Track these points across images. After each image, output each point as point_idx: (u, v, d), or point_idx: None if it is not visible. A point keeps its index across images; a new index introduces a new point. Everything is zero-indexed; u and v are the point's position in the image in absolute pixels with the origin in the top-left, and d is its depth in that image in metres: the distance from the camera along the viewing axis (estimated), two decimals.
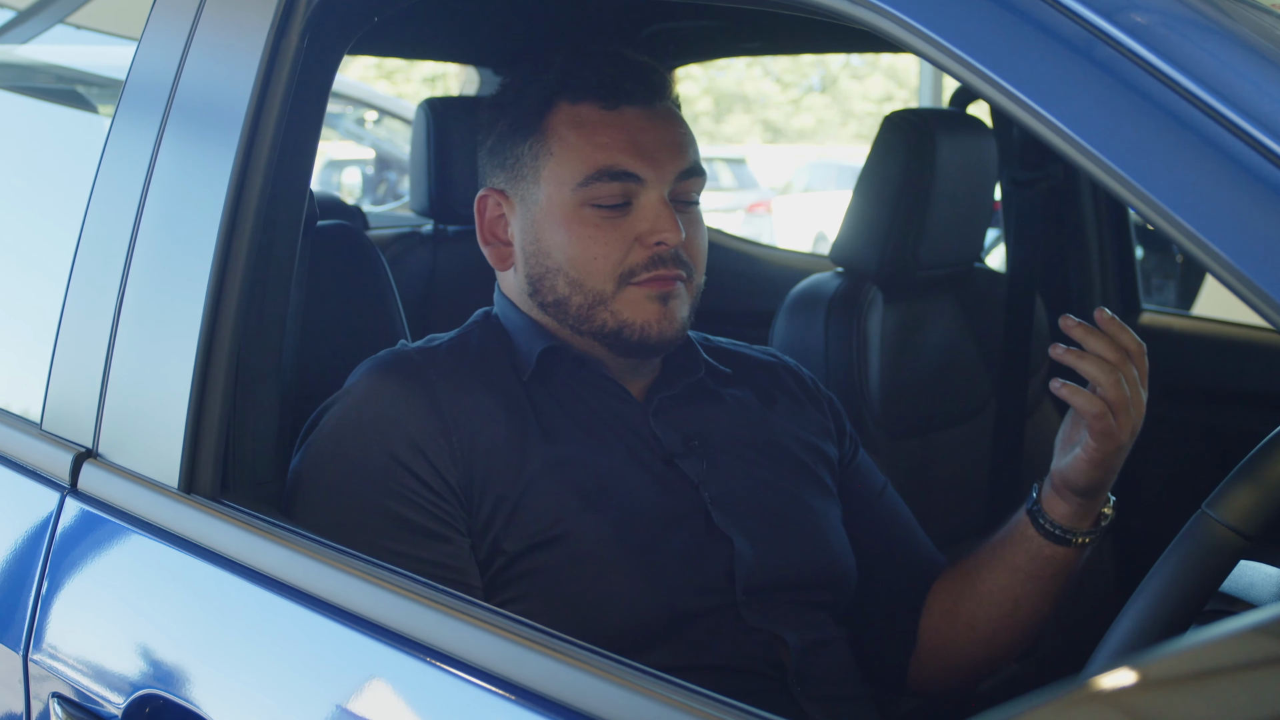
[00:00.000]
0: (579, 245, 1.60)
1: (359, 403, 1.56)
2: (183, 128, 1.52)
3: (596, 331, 1.62)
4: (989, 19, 1.12)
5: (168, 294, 1.49)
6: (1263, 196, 0.99)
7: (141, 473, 1.47)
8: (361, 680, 1.30)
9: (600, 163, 1.60)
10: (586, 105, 1.62)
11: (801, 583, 1.65)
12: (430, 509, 1.51)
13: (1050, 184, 2.77)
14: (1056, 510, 1.59)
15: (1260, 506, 1.21)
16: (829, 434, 1.81)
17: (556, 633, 1.22)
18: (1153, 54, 1.05)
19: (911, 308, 2.55)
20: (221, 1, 1.53)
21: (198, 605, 1.41)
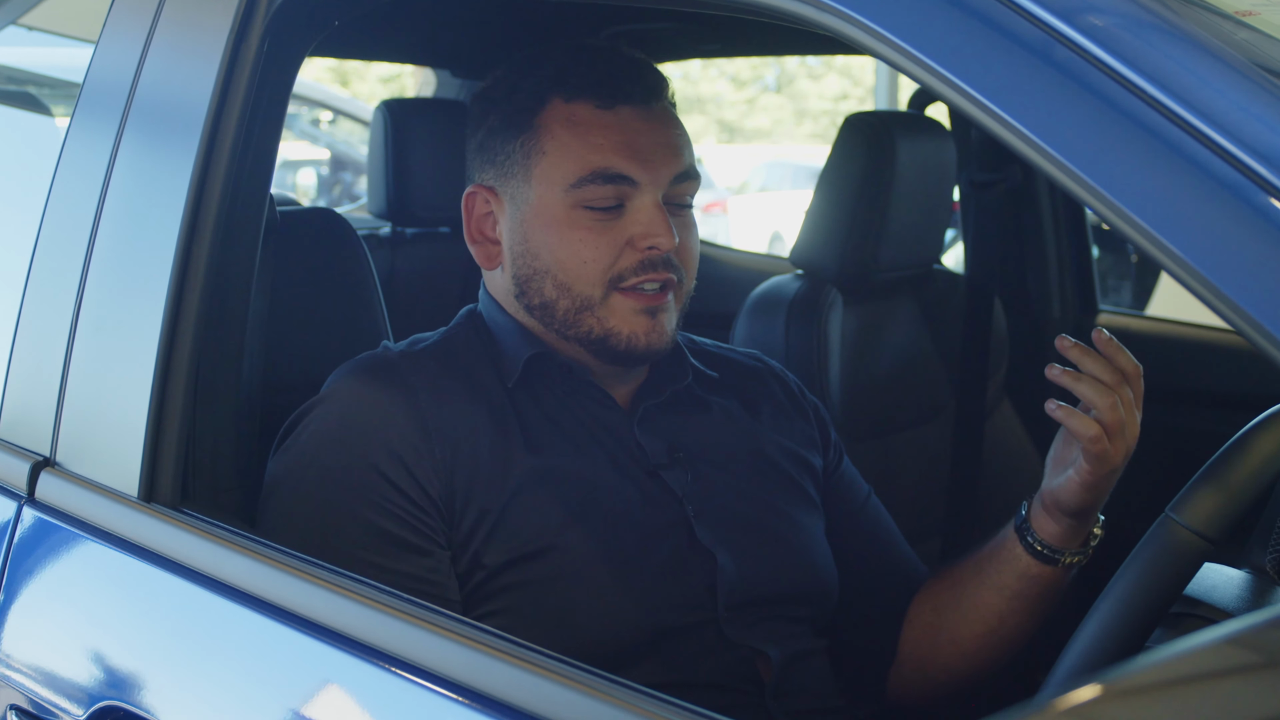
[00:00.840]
0: (569, 248, 1.56)
1: (340, 409, 1.53)
2: (141, 131, 1.50)
3: (583, 337, 1.58)
4: (947, 21, 1.12)
5: (127, 300, 1.47)
6: (1218, 195, 0.99)
7: (101, 481, 1.45)
8: (325, 690, 1.29)
9: (594, 164, 1.55)
10: (581, 103, 1.57)
11: (783, 597, 1.63)
12: (410, 521, 1.48)
13: (1008, 186, 2.78)
14: (1046, 530, 1.56)
15: (1223, 510, 1.21)
16: (814, 443, 1.79)
17: (528, 643, 1.22)
18: (1110, 55, 1.05)
19: (871, 310, 2.56)
20: (181, 4, 1.51)
21: (159, 615, 1.40)
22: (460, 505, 1.50)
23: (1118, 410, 1.46)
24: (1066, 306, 2.93)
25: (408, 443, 1.49)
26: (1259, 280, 0.96)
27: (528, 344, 1.61)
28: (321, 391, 1.57)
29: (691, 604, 1.55)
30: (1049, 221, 2.89)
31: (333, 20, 1.54)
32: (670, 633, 1.53)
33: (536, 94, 1.59)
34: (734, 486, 1.65)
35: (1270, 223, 0.96)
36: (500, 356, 1.62)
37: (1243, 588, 1.38)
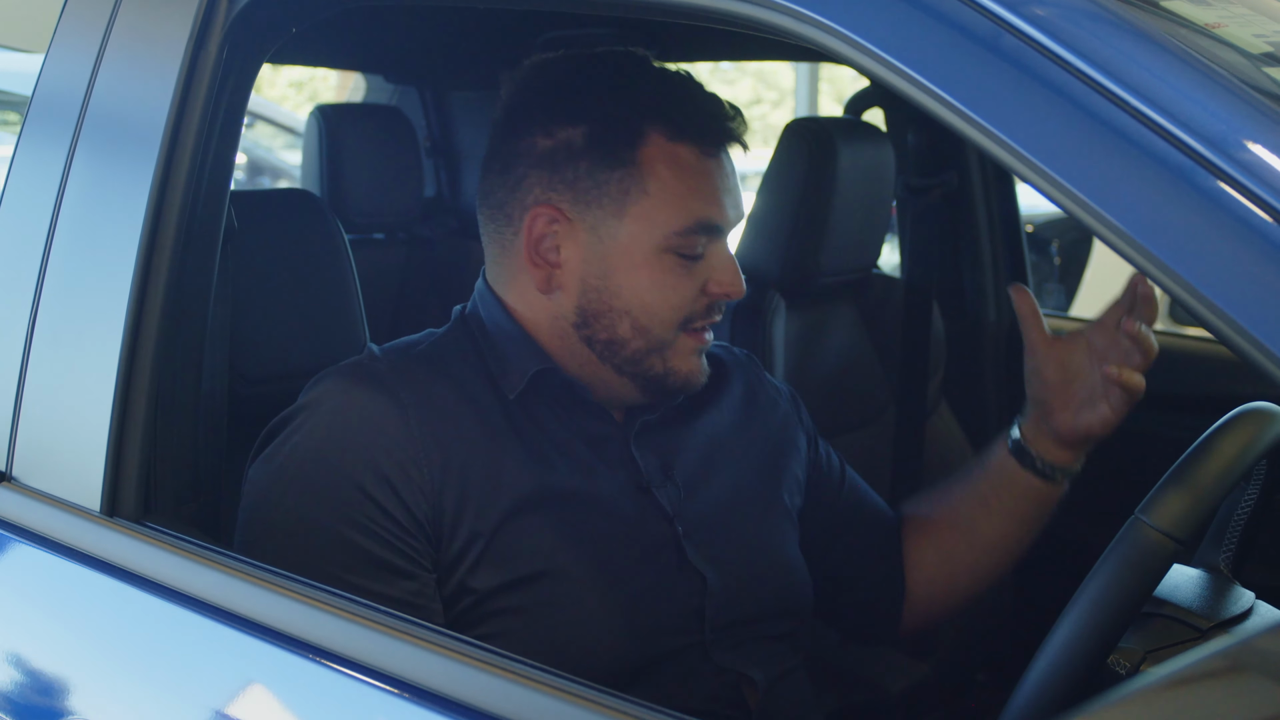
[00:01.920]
0: (656, 293, 1.51)
1: (324, 423, 1.46)
2: (97, 141, 1.47)
3: (642, 374, 1.55)
4: (897, 14, 1.13)
5: (85, 312, 1.44)
6: (1164, 180, 1.02)
7: (61, 496, 1.42)
8: (298, 703, 1.28)
9: (699, 215, 1.51)
10: (685, 146, 1.51)
11: (766, 614, 1.62)
12: (395, 544, 1.43)
13: (945, 190, 2.81)
14: (1056, 455, 1.66)
15: (1192, 512, 1.23)
16: (795, 428, 1.79)
17: (511, 655, 1.22)
18: (1057, 44, 1.08)
19: (813, 314, 2.57)
20: (135, 12, 1.49)
21: (124, 631, 1.38)
22: (449, 527, 1.45)
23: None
24: (1002, 309, 2.96)
25: (395, 462, 1.44)
26: (1203, 255, 1.01)
27: (535, 358, 1.55)
28: (303, 398, 1.51)
29: (678, 628, 1.54)
30: (984, 225, 2.93)
31: (290, 27, 1.53)
32: (657, 660, 1.51)
33: (635, 124, 1.51)
34: (720, 502, 1.64)
35: (1216, 204, 1.01)
36: (503, 365, 1.56)
37: (1202, 586, 1.41)
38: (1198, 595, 1.37)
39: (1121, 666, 1.25)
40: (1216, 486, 1.25)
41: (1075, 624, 1.21)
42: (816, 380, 2.54)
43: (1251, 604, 1.38)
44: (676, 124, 1.52)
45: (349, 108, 3.32)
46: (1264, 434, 1.31)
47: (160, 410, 1.43)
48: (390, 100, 3.48)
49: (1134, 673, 1.25)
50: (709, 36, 2.69)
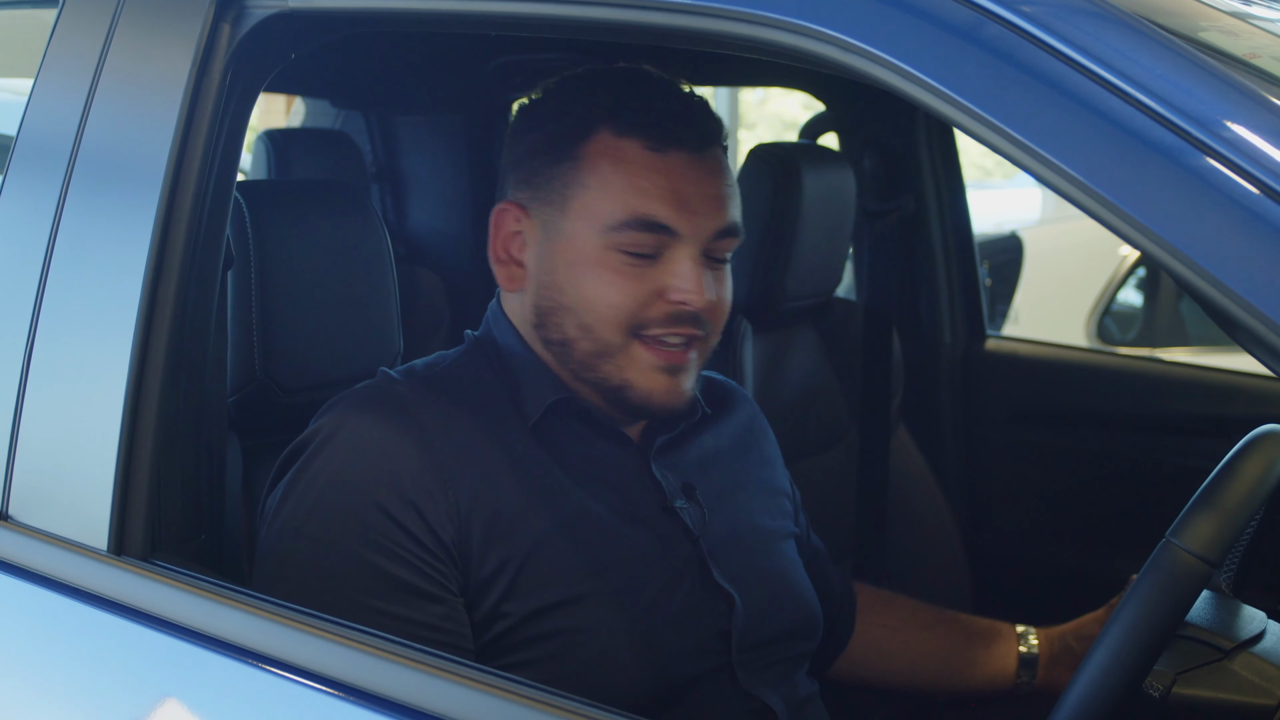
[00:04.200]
0: (596, 290, 1.48)
1: (345, 449, 1.43)
2: (93, 175, 1.43)
3: (598, 383, 1.51)
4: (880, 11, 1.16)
5: (86, 348, 1.40)
6: (1151, 157, 1.06)
7: (63, 535, 1.38)
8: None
9: (636, 210, 1.47)
10: (631, 141, 1.48)
11: (785, 634, 1.62)
12: (422, 567, 1.40)
13: (901, 215, 2.83)
14: (1052, 676, 1.85)
15: (1222, 533, 1.24)
16: (786, 489, 1.80)
17: (535, 684, 1.21)
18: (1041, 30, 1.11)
19: (777, 339, 2.58)
20: (131, 37, 1.45)
21: (139, 672, 1.34)
22: (477, 552, 1.42)
23: None
24: (956, 333, 2.99)
25: (420, 486, 1.41)
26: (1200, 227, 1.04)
27: (551, 387, 1.53)
28: (316, 423, 1.47)
29: (706, 650, 1.52)
30: (939, 249, 2.95)
31: (290, 53, 1.50)
32: (684, 684, 1.50)
33: (585, 121, 1.50)
34: (739, 521, 1.63)
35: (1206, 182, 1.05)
36: (519, 394, 1.53)
37: (1214, 607, 1.42)
38: (1213, 617, 1.38)
39: (1155, 689, 1.26)
40: (1244, 508, 1.27)
41: (1113, 648, 1.21)
42: (782, 404, 2.54)
43: (1265, 624, 1.39)
44: (624, 120, 1.49)
45: (296, 133, 3.28)
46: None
47: (165, 444, 1.40)
48: (334, 124, 3.44)
49: (1166, 695, 1.26)
50: (689, 62, 2.69)
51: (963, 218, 3.00)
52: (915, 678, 1.93)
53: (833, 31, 1.15)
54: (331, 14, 1.43)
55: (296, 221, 1.72)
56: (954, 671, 1.89)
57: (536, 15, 1.35)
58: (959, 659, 1.88)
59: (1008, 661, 1.84)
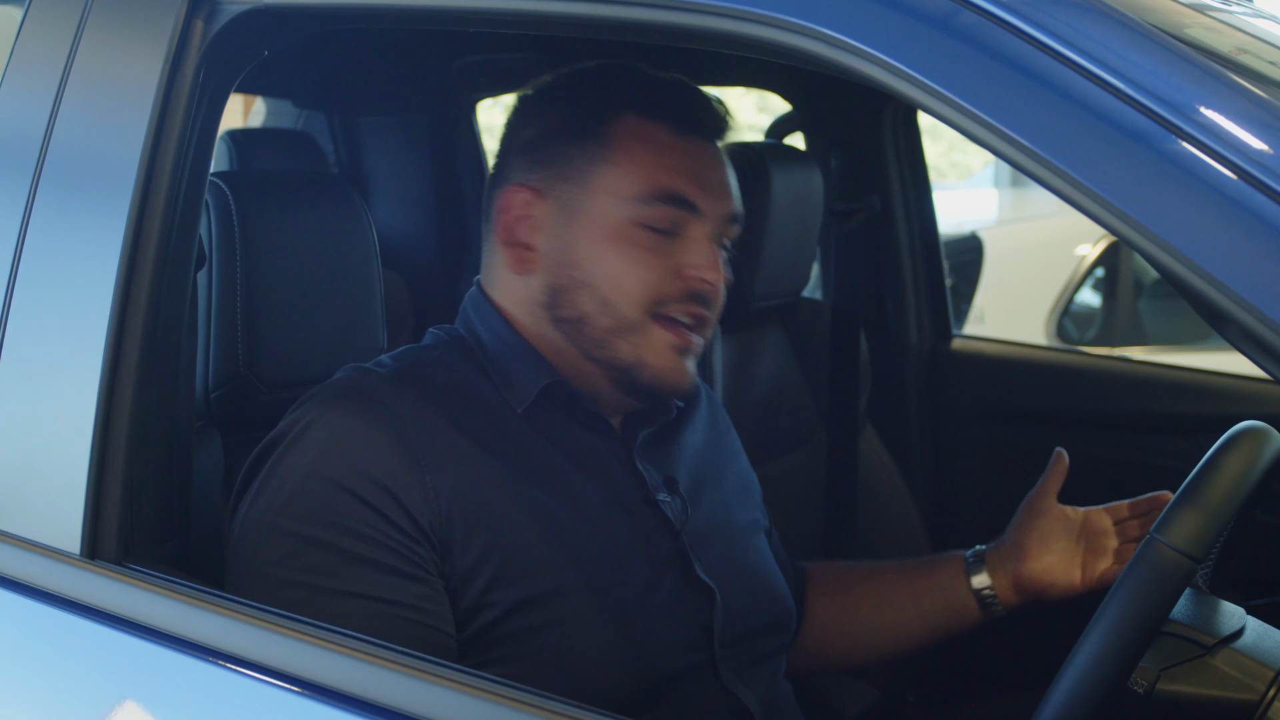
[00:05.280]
0: (619, 264, 1.49)
1: (318, 444, 1.42)
2: (62, 174, 1.40)
3: (609, 360, 1.52)
4: None
5: (57, 350, 1.38)
6: (1126, 142, 1.07)
7: (34, 538, 1.36)
8: None
9: (665, 184, 1.50)
10: (657, 124, 1.53)
11: (764, 629, 1.63)
12: (399, 549, 1.39)
13: (868, 214, 2.83)
14: (1004, 592, 1.75)
15: (1205, 530, 1.25)
16: (752, 483, 1.80)
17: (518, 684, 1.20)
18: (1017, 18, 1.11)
19: (746, 339, 2.58)
20: (102, 35, 1.43)
21: (113, 677, 1.31)
22: (461, 539, 1.41)
23: None
24: (923, 332, 3.00)
25: (394, 473, 1.40)
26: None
27: (541, 371, 1.53)
28: (290, 418, 1.46)
29: (689, 645, 1.52)
30: (905, 249, 2.96)
31: (264, 50, 1.48)
32: (667, 680, 1.50)
33: (609, 104, 1.54)
34: (715, 515, 1.64)
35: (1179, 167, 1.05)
36: (507, 381, 1.53)
37: (1194, 604, 1.42)
38: (1194, 613, 1.39)
39: (1139, 685, 1.26)
40: (1227, 504, 1.27)
41: (1098, 645, 1.21)
42: (750, 404, 2.55)
43: (1244, 620, 1.40)
44: (651, 105, 1.54)
45: (259, 133, 3.27)
46: (1265, 451, 1.33)
47: (139, 446, 1.38)
48: (296, 125, 3.42)
49: (1151, 691, 1.26)
50: (657, 61, 2.68)
51: (929, 218, 3.01)
52: (874, 636, 1.84)
53: (821, 28, 1.15)
54: (306, 10, 1.42)
55: (283, 214, 1.71)
56: (905, 611, 1.80)
57: (512, 11, 1.34)
58: (903, 595, 1.81)
59: (956, 581, 1.75)
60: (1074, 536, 1.71)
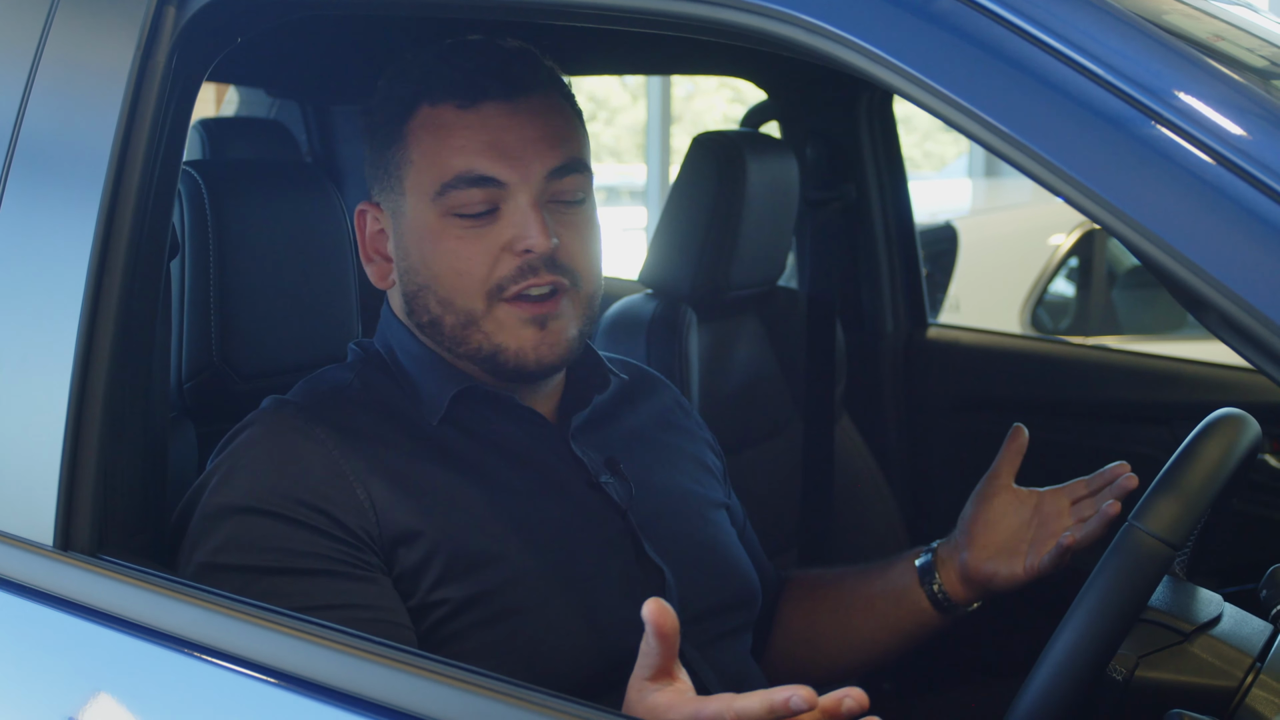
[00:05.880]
0: (443, 259, 1.49)
1: (244, 480, 1.43)
2: (33, 162, 1.39)
3: (472, 355, 1.51)
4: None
5: (28, 340, 1.36)
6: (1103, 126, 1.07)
7: (6, 530, 1.34)
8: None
9: (456, 168, 1.48)
10: (445, 106, 1.49)
11: (723, 606, 1.62)
12: (342, 558, 1.40)
13: (843, 203, 2.83)
14: (959, 592, 1.68)
15: (1183, 516, 1.25)
16: (712, 461, 1.79)
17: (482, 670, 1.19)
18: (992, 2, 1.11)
19: (721, 328, 2.57)
20: (72, 20, 1.41)
21: (87, 669, 1.30)
22: (404, 540, 1.42)
23: None
24: (899, 321, 3.00)
25: (321, 492, 1.41)
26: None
27: (450, 379, 1.53)
28: (213, 463, 1.48)
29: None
30: (881, 238, 2.96)
31: (237, 36, 1.47)
32: (629, 659, 1.49)
33: (405, 101, 1.52)
34: (665, 493, 1.63)
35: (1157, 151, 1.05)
36: (417, 394, 1.53)
37: (1171, 591, 1.43)
38: (1171, 600, 1.39)
39: (1118, 672, 1.26)
40: (1205, 490, 1.28)
41: (1077, 632, 1.21)
42: (726, 394, 2.54)
43: (1222, 607, 1.40)
44: (436, 89, 1.51)
45: (231, 122, 3.23)
46: (1243, 439, 1.33)
47: (112, 437, 1.36)
48: (269, 114, 3.39)
49: (1129, 678, 1.26)
50: (617, 48, 2.67)
51: (904, 207, 3.01)
52: (835, 644, 1.78)
53: (796, 12, 1.14)
54: None
55: (256, 203, 1.70)
56: (861, 615, 1.75)
57: None
58: (859, 600, 1.76)
59: (907, 579, 1.69)
60: (1025, 520, 1.62)
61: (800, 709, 1.13)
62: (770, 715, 1.15)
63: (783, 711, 1.14)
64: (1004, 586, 1.63)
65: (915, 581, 1.70)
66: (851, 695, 1.14)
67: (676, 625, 1.22)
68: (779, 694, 1.14)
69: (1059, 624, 1.24)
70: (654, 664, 1.23)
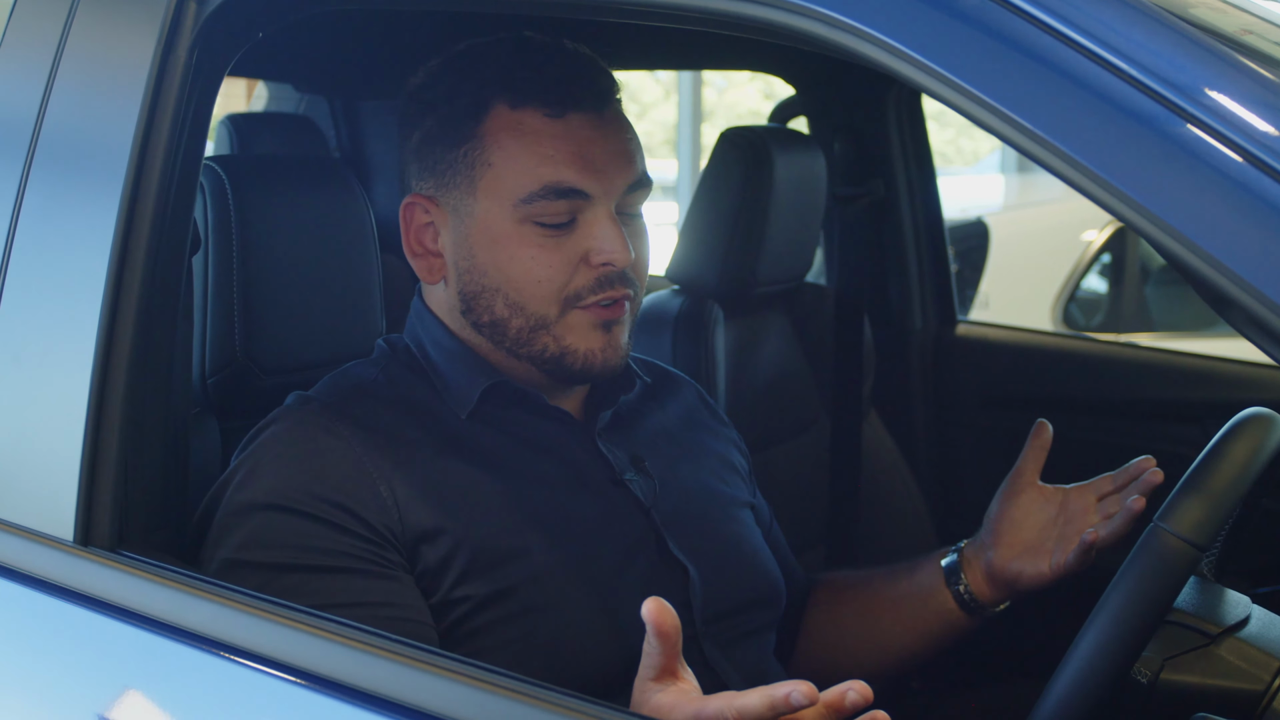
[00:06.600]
0: (520, 267, 1.47)
1: (268, 478, 1.43)
2: (55, 156, 1.39)
3: (535, 356, 1.50)
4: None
5: (50, 335, 1.36)
6: (1133, 126, 1.05)
7: (27, 525, 1.34)
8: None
9: (545, 178, 1.46)
10: (529, 111, 1.47)
11: (747, 604, 1.61)
12: (366, 555, 1.40)
13: (872, 199, 2.82)
14: (985, 592, 1.66)
15: (1210, 517, 1.23)
16: (738, 460, 1.78)
17: (513, 674, 1.18)
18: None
19: (748, 324, 2.56)
20: (94, 15, 1.41)
21: (108, 665, 1.30)
22: (428, 537, 1.42)
23: None
24: (927, 318, 2.98)
25: (344, 489, 1.41)
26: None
27: (481, 373, 1.53)
28: (237, 460, 1.47)
29: None
30: (910, 234, 2.94)
31: (258, 31, 1.46)
32: None
33: (479, 98, 1.49)
34: (690, 493, 1.63)
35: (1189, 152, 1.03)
36: (446, 388, 1.53)
37: (1198, 592, 1.41)
38: (1197, 601, 1.38)
39: (1143, 675, 1.25)
40: (1232, 491, 1.26)
41: (1102, 634, 1.20)
42: (753, 391, 2.53)
43: (1250, 609, 1.38)
44: (518, 91, 1.48)
45: (260, 117, 3.24)
46: (1271, 437, 1.31)
47: (133, 432, 1.36)
48: (297, 109, 3.39)
49: (1154, 681, 1.25)
50: (662, 44, 2.65)
51: (933, 203, 2.99)
52: (861, 648, 1.76)
53: (819, 7, 1.13)
54: None
55: (280, 198, 1.69)
56: (887, 618, 1.73)
57: None
58: (885, 602, 1.75)
59: (933, 580, 1.67)
60: (1051, 518, 1.61)
61: (801, 704, 1.12)
62: (772, 712, 1.14)
63: (784, 707, 1.13)
64: (1030, 585, 1.61)
65: (942, 582, 1.68)
66: (855, 688, 1.13)
67: (678, 624, 1.21)
68: (779, 690, 1.13)
69: (1082, 626, 1.22)
70: (657, 664, 1.23)
